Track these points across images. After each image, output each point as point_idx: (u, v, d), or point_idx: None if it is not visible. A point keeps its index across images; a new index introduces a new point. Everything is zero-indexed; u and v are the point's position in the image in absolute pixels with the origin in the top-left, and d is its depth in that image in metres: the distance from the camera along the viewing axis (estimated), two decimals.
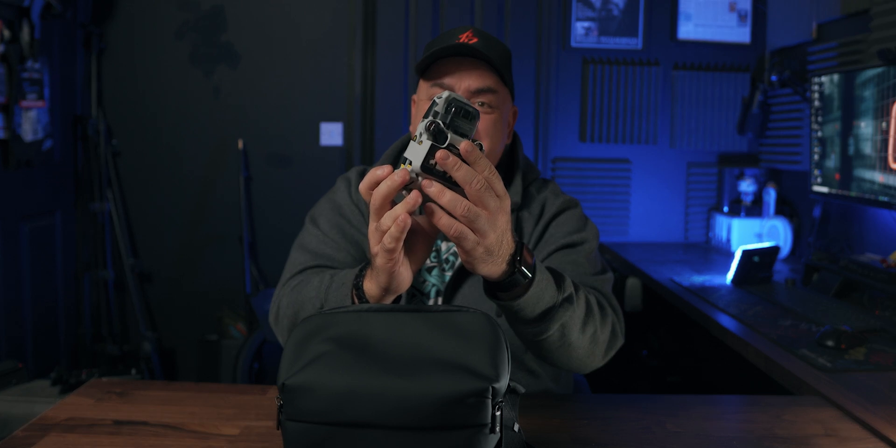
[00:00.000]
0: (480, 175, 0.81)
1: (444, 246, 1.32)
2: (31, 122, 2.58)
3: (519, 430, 0.84)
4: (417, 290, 1.31)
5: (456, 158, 0.79)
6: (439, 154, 0.78)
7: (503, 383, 0.76)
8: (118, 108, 3.05)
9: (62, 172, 2.92)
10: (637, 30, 3.02)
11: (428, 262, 1.33)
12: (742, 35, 3.02)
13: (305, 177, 3.08)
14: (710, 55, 3.05)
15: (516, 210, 1.32)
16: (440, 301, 1.29)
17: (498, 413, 0.74)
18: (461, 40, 1.22)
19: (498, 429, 0.75)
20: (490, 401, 0.74)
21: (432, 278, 1.31)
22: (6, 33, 2.39)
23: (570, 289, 1.01)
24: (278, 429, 0.78)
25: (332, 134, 3.08)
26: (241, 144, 3.05)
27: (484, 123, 1.22)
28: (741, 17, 3.01)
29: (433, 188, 0.80)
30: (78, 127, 2.97)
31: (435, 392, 0.73)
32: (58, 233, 2.89)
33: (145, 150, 3.08)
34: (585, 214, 1.37)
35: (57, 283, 2.88)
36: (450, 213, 0.82)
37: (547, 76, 3.03)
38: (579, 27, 3.01)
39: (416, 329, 0.79)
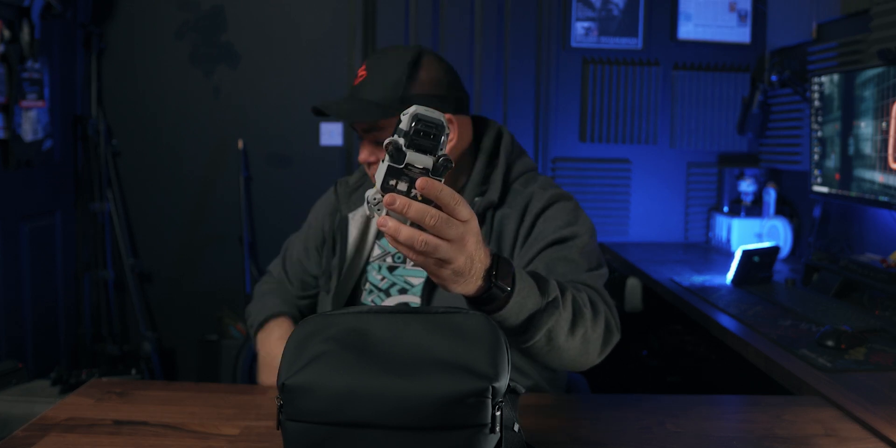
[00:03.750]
0: (435, 209, 0.77)
1: None
2: (31, 122, 2.58)
3: (519, 430, 0.83)
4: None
5: (404, 200, 0.75)
6: (386, 199, 0.75)
7: (503, 383, 0.76)
8: (118, 108, 3.05)
9: (62, 172, 2.92)
10: (637, 30, 3.02)
11: (392, 261, 1.34)
12: (742, 35, 3.02)
13: (305, 177, 3.07)
14: (710, 55, 3.05)
15: (494, 208, 1.27)
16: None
17: (498, 413, 0.74)
18: (356, 80, 1.26)
19: (498, 429, 0.75)
20: (490, 401, 0.74)
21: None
22: (6, 33, 2.39)
23: (554, 292, 0.98)
24: (278, 429, 0.78)
25: (332, 134, 3.08)
26: (241, 144, 3.05)
27: None
28: (741, 17, 3.01)
29: (389, 224, 0.76)
30: (78, 127, 2.97)
31: (435, 392, 0.73)
32: (58, 233, 2.89)
33: (145, 150, 3.07)
34: (580, 208, 1.30)
35: (57, 283, 2.88)
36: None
37: (547, 76, 3.03)
38: (579, 27, 3.01)
39: (415, 330, 0.79)
